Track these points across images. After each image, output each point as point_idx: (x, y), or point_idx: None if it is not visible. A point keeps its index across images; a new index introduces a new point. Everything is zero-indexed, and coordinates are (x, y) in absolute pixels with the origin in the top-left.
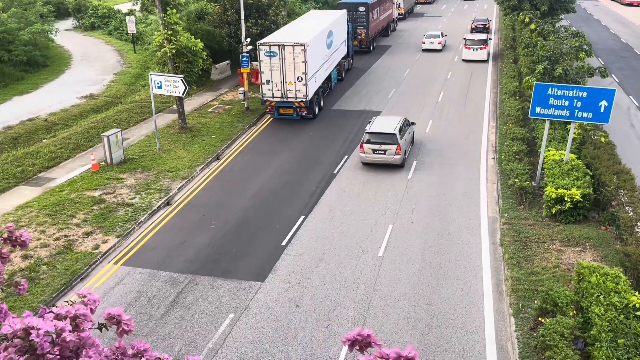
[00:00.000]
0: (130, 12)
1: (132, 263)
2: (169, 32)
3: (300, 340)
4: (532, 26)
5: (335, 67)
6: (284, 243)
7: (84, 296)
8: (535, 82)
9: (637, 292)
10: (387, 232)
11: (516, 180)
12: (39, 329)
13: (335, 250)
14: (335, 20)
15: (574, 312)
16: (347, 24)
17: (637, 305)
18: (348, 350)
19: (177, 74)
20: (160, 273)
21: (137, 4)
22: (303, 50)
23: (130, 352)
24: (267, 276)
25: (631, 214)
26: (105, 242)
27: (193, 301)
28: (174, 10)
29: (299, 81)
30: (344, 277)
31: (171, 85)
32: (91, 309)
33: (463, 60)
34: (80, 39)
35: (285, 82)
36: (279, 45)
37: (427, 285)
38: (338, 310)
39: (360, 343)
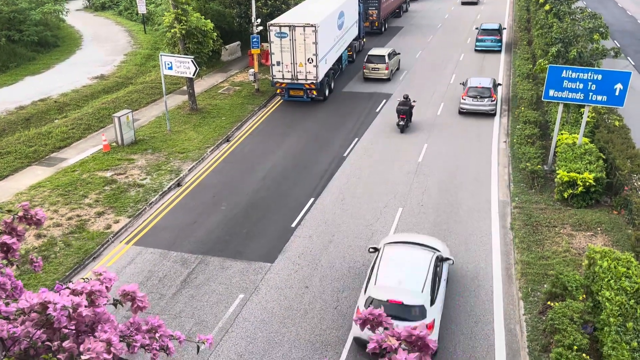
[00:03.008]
0: None
1: (143, 243)
2: (179, 12)
3: (310, 321)
4: (547, 7)
5: (346, 49)
6: (293, 225)
7: (100, 274)
8: (548, 64)
9: None
10: (396, 215)
11: (528, 164)
12: (56, 304)
13: (345, 232)
14: (347, 0)
15: (584, 296)
16: (359, 5)
17: None
18: (360, 329)
19: (187, 54)
20: (171, 253)
21: None
22: (314, 32)
23: (144, 327)
24: (276, 257)
25: None
26: (117, 222)
27: (203, 281)
28: None
29: (310, 62)
30: (353, 259)
31: (182, 66)
32: (106, 286)
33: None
34: (90, 19)
35: (296, 63)
36: (289, 26)
37: None
38: (347, 292)
39: (372, 322)
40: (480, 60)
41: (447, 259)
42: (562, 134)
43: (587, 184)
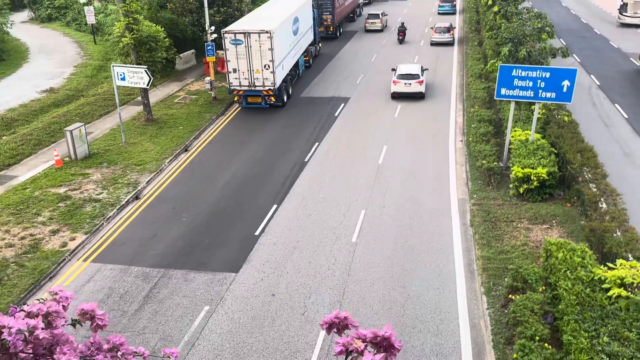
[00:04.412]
0: (89, 2)
1: (102, 259)
2: (130, 21)
3: (277, 329)
4: (495, 8)
5: (302, 54)
6: (257, 233)
7: (56, 293)
8: (500, 64)
9: (602, 266)
10: (359, 218)
11: (484, 161)
12: (11, 327)
13: (309, 237)
14: (301, 6)
15: (543, 287)
16: (313, 10)
17: (603, 278)
18: (326, 333)
19: (140, 64)
20: (131, 268)
21: None
22: (269, 38)
23: (105, 346)
24: (241, 267)
25: (595, 190)
26: (73, 239)
27: (167, 295)
28: None
29: (266, 69)
30: (319, 264)
31: (135, 76)
32: (64, 305)
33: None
34: (37, 31)
35: (253, 70)
36: (244, 33)
37: (401, 268)
38: (314, 297)
39: (338, 325)
40: (434, 60)
41: (426, 69)
42: (515, 131)
43: (541, 178)
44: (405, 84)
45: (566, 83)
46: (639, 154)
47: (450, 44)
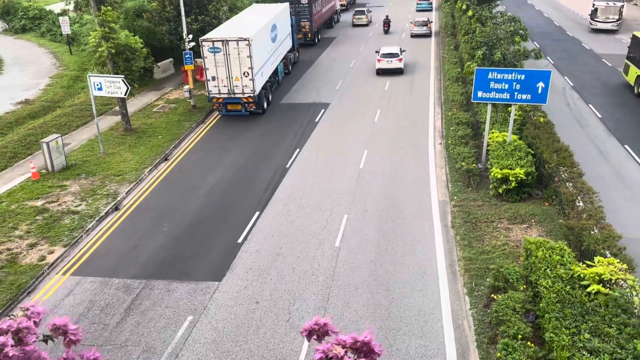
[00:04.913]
0: (64, 13)
1: (81, 272)
2: (106, 30)
3: (262, 337)
4: (470, 13)
5: (281, 61)
6: (239, 240)
7: (27, 309)
8: (475, 67)
9: (581, 263)
10: (342, 222)
11: (463, 163)
12: None
13: (292, 243)
14: (279, 13)
15: (524, 286)
16: (291, 17)
17: (582, 275)
18: (307, 340)
19: (117, 74)
20: (112, 280)
21: (70, 3)
22: (247, 45)
23: None
24: (224, 275)
25: (572, 189)
26: (51, 252)
27: (149, 306)
28: (110, 8)
29: (246, 76)
30: (303, 269)
31: (112, 86)
32: (35, 321)
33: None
34: (10, 43)
35: (232, 77)
36: (222, 41)
37: (384, 271)
38: (298, 303)
39: (318, 332)
40: (411, 65)
41: (404, 50)
42: (492, 132)
43: (519, 179)
44: (387, 61)
45: (541, 84)
46: (613, 152)
47: (428, 35)
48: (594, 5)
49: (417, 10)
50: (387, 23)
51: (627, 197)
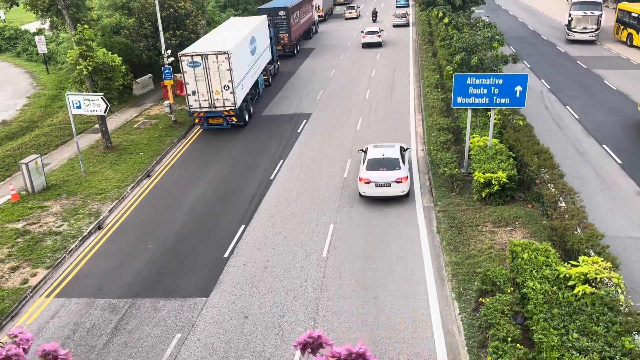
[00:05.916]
0: (39, 32)
1: (66, 294)
2: (84, 49)
3: (252, 351)
4: (446, 20)
5: (261, 73)
6: (226, 255)
7: (15, 336)
8: (453, 72)
9: (566, 264)
10: (329, 232)
11: (446, 168)
12: None
13: (280, 255)
14: (257, 26)
15: (512, 288)
16: (269, 29)
17: (567, 275)
18: (300, 354)
19: (96, 92)
20: (97, 301)
21: (45, 22)
22: (227, 59)
23: None
24: (211, 291)
25: (553, 190)
26: (34, 275)
27: (136, 326)
28: (86, 26)
29: (226, 89)
30: (291, 281)
31: (91, 104)
32: (24, 348)
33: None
34: None
35: (212, 91)
36: (201, 55)
37: (372, 280)
38: (288, 316)
39: (312, 345)
40: (390, 74)
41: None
42: (473, 137)
43: (502, 182)
44: (370, 37)
45: (519, 88)
46: (591, 152)
47: (406, 25)
48: (569, 15)
49: (397, 7)
50: (374, 14)
51: (607, 196)
